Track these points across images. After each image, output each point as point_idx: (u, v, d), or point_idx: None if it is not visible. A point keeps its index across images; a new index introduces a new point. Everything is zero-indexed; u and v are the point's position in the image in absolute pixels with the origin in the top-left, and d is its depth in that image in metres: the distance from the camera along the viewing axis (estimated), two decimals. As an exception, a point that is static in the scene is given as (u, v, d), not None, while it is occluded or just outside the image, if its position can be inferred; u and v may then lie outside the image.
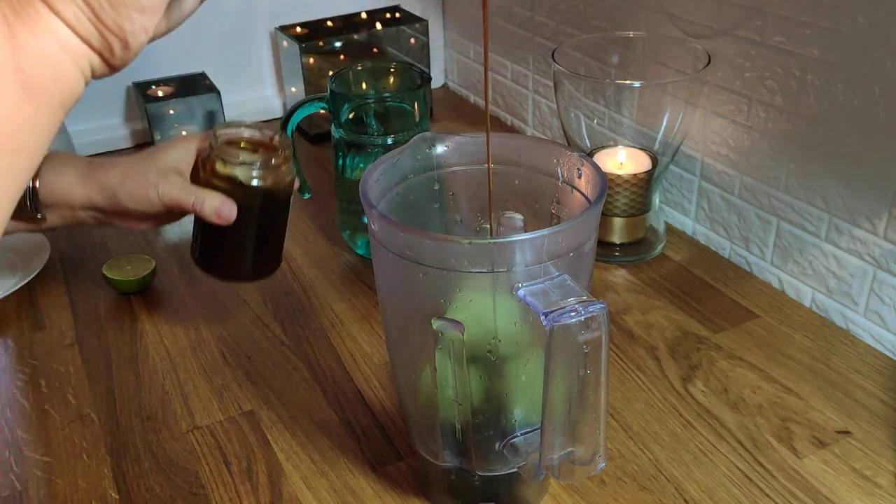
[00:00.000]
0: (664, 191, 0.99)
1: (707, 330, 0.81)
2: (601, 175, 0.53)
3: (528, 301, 0.48)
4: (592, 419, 0.50)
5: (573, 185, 0.56)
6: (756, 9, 0.81)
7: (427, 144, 0.58)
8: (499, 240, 0.48)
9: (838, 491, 0.63)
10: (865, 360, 0.76)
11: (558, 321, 0.46)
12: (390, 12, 1.32)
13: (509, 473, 0.58)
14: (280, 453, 0.68)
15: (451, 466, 0.59)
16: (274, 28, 1.29)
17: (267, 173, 0.71)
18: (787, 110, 0.81)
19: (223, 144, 0.72)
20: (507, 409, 0.56)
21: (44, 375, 0.78)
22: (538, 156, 0.58)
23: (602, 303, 0.46)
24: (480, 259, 0.48)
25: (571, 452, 0.51)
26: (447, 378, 0.53)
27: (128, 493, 0.65)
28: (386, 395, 0.74)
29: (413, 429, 0.60)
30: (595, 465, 0.51)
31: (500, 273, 0.48)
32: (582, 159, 0.55)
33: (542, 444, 0.51)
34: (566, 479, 0.53)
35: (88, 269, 0.94)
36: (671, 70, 0.92)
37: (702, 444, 0.68)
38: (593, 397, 0.49)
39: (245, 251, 0.75)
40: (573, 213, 0.57)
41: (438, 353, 0.52)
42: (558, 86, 0.90)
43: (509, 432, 0.56)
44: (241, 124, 0.73)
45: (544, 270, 0.49)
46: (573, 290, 0.48)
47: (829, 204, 0.79)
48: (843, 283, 0.80)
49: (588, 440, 0.51)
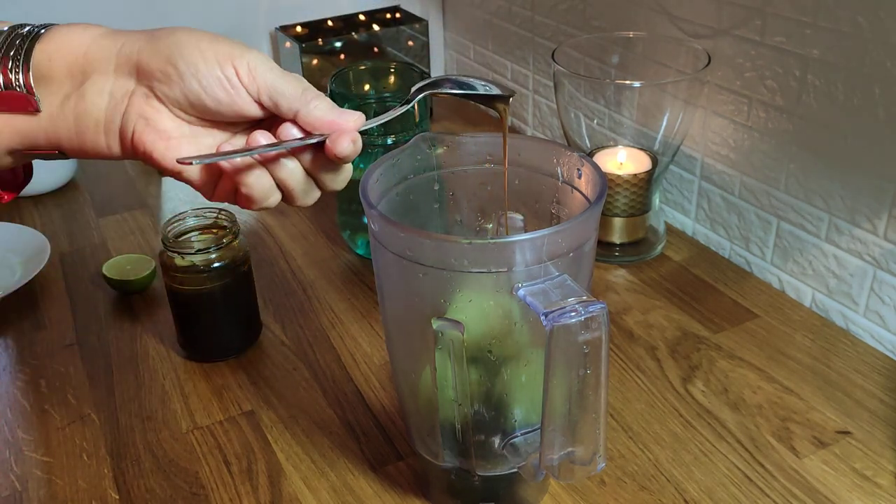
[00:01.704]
0: (664, 191, 0.99)
1: (707, 330, 0.81)
2: (601, 175, 0.53)
3: (528, 301, 0.48)
4: (592, 419, 0.50)
5: (573, 185, 0.56)
6: (756, 9, 0.81)
7: (427, 144, 0.58)
8: (498, 240, 0.48)
9: (838, 491, 0.63)
10: (865, 360, 0.76)
11: (558, 321, 0.46)
12: (390, 12, 1.32)
13: (509, 473, 0.58)
14: (280, 453, 0.68)
15: (451, 466, 0.59)
16: (274, 28, 1.29)
17: (223, 252, 0.75)
18: (787, 110, 0.81)
19: (174, 240, 0.75)
20: (507, 409, 0.55)
21: (44, 375, 0.78)
22: (538, 156, 0.58)
23: (602, 303, 0.46)
24: (480, 259, 0.48)
25: (571, 452, 0.51)
26: (447, 378, 0.53)
27: (128, 493, 0.65)
28: (386, 395, 0.74)
29: (413, 429, 0.60)
30: (595, 466, 0.51)
31: (500, 273, 0.48)
32: (582, 159, 0.55)
33: (542, 444, 0.51)
34: (566, 480, 0.53)
35: (88, 269, 0.94)
36: (671, 70, 0.92)
37: (702, 444, 0.68)
38: (593, 397, 0.49)
39: (224, 329, 0.79)
40: (573, 213, 0.57)
41: (438, 353, 0.52)
42: (558, 86, 0.90)
43: (509, 432, 0.56)
44: (185, 214, 0.77)
45: (544, 270, 0.49)
46: (573, 290, 0.48)
47: (829, 204, 0.79)
48: (843, 283, 0.80)
49: (588, 440, 0.51)
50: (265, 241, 0.98)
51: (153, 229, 1.01)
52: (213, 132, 0.51)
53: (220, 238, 0.75)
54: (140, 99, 0.49)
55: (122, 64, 0.49)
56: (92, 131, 0.49)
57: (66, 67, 0.49)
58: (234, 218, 0.77)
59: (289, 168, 0.50)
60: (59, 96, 0.49)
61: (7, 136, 0.50)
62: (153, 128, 0.49)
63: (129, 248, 0.97)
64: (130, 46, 0.49)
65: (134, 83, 0.49)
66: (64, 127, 0.49)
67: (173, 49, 0.47)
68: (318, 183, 0.52)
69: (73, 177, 1.14)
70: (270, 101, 0.49)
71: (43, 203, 1.09)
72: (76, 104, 0.49)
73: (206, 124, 0.50)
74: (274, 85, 0.48)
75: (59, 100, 0.49)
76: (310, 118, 0.49)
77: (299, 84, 0.49)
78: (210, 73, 0.47)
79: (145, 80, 0.49)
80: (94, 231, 1.02)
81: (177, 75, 0.48)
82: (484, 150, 0.59)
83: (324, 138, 0.49)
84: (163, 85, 0.48)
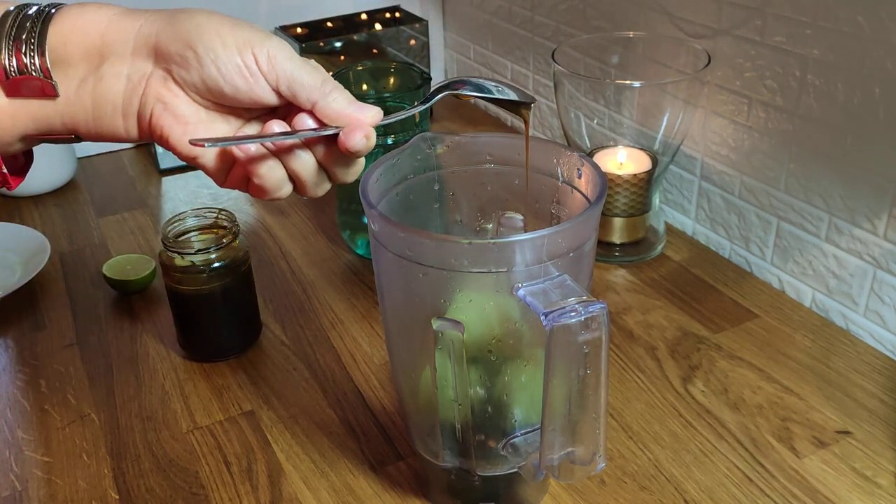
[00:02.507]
0: (664, 191, 0.99)
1: (707, 330, 0.81)
2: (601, 175, 0.53)
3: (528, 301, 0.48)
4: (592, 419, 0.50)
5: (573, 185, 0.56)
6: (756, 9, 0.81)
7: (427, 144, 0.58)
8: (499, 240, 0.48)
9: (838, 491, 0.63)
10: (865, 360, 0.76)
11: (558, 321, 0.46)
12: (390, 12, 1.32)
13: (509, 473, 0.58)
14: (280, 453, 0.68)
15: (451, 466, 0.59)
16: (274, 28, 1.29)
17: (223, 252, 0.75)
18: (787, 110, 0.81)
19: (174, 240, 0.75)
20: (508, 409, 0.56)
21: (44, 375, 0.78)
22: (538, 156, 0.58)
23: (602, 303, 0.46)
24: (481, 259, 0.48)
25: (571, 452, 0.51)
26: (447, 378, 0.53)
27: (128, 493, 0.65)
28: (386, 395, 0.74)
29: (413, 429, 0.60)
30: (595, 465, 0.51)
31: (501, 273, 0.48)
32: (582, 159, 0.55)
33: (542, 444, 0.51)
34: (566, 480, 0.53)
35: (88, 269, 0.94)
36: (671, 70, 0.92)
37: (702, 444, 0.68)
38: (593, 397, 0.49)
39: (224, 329, 0.79)
40: (573, 212, 0.57)
41: (438, 353, 0.52)
42: (558, 86, 0.90)
43: (509, 432, 0.56)
44: (186, 214, 0.77)
45: (544, 270, 0.49)
46: (573, 290, 0.48)
47: (829, 204, 0.79)
48: (843, 283, 0.80)
49: (588, 440, 0.51)
50: (265, 241, 0.98)
51: (153, 229, 1.01)
52: (229, 119, 0.51)
53: (220, 238, 0.75)
54: (158, 82, 0.48)
55: (140, 46, 0.48)
56: (110, 115, 0.49)
57: (83, 50, 0.48)
58: (234, 218, 0.77)
59: (302, 159, 0.50)
60: (76, 80, 0.48)
61: (22, 122, 0.49)
62: (171, 112, 0.49)
63: (129, 248, 0.97)
64: (149, 28, 0.48)
65: (151, 66, 0.48)
66: (81, 111, 0.49)
67: (192, 33, 0.47)
68: (329, 175, 0.52)
69: (73, 177, 1.14)
70: (289, 90, 0.48)
71: (43, 203, 1.09)
72: (94, 88, 0.48)
73: (222, 110, 0.50)
74: (293, 74, 0.48)
75: (75, 84, 0.48)
76: (328, 110, 0.49)
77: (319, 75, 0.49)
78: (229, 59, 0.47)
79: (163, 63, 0.48)
80: (94, 231, 1.02)
81: (195, 60, 0.47)
82: (484, 150, 0.59)
83: (338, 130, 0.49)
84: (181, 69, 0.48)
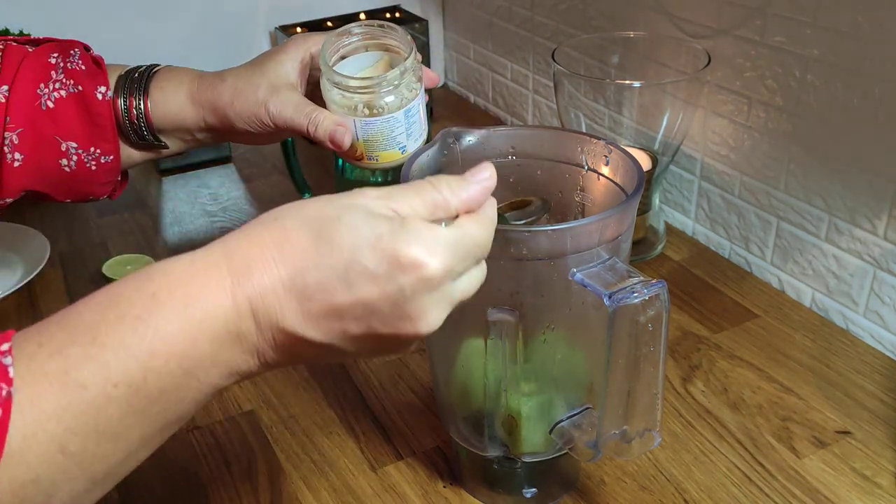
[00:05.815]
0: (664, 191, 0.99)
1: (707, 330, 0.81)
2: (633, 160, 0.54)
3: (587, 284, 0.49)
4: (653, 395, 0.51)
5: (599, 172, 0.57)
6: (756, 9, 0.81)
7: (452, 139, 0.59)
8: (556, 227, 0.49)
9: (838, 491, 0.63)
10: (865, 360, 0.76)
11: (623, 302, 0.46)
12: (390, 12, 1.32)
13: (551, 458, 0.59)
14: (280, 453, 0.68)
15: (493, 456, 0.59)
16: (274, 28, 1.29)
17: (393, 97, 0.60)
18: (787, 110, 0.81)
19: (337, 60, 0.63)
20: (555, 394, 0.56)
21: (44, 375, 0.78)
22: (561, 146, 0.59)
23: (662, 282, 0.47)
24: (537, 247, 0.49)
25: (625, 430, 0.52)
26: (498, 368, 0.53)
27: (128, 493, 0.65)
28: (386, 395, 0.74)
29: (450, 419, 0.61)
30: (652, 441, 0.52)
31: (556, 260, 0.49)
32: (609, 146, 0.56)
33: (603, 423, 0.51)
34: (626, 456, 0.53)
35: (88, 269, 0.94)
36: (671, 70, 0.92)
37: (702, 444, 0.68)
38: (654, 373, 0.50)
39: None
40: (598, 199, 0.58)
41: (491, 342, 0.53)
42: (558, 86, 0.90)
43: (556, 417, 0.56)
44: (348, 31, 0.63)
45: (596, 255, 0.50)
46: (628, 271, 0.49)
47: (829, 204, 0.79)
48: (843, 283, 0.80)
49: (648, 416, 0.51)
50: (265, 241, 0.98)
51: (153, 229, 1.01)
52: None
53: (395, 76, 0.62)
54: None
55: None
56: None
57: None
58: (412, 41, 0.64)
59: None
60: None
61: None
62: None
63: (129, 248, 0.97)
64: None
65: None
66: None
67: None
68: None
69: (73, 177, 1.14)
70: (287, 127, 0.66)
71: (43, 203, 1.08)
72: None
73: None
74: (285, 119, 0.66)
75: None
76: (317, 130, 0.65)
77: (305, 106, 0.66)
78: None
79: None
80: (94, 231, 1.02)
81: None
82: (507, 142, 0.60)
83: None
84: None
